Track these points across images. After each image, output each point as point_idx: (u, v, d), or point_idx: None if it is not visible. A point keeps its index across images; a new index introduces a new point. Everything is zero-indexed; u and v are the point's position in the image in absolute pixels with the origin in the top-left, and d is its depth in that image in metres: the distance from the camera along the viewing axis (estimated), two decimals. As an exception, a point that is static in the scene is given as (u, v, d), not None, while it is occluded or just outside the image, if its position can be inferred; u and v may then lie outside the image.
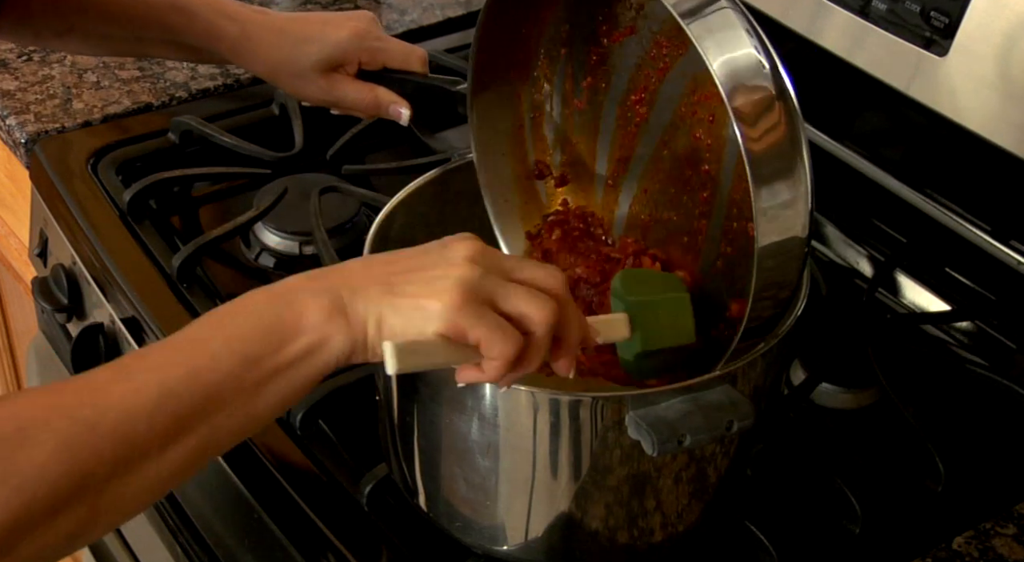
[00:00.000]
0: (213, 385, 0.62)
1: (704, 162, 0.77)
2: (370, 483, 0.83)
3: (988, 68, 0.92)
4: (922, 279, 1.05)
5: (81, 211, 1.09)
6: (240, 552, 0.89)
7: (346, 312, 0.65)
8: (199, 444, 0.62)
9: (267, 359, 0.63)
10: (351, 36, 1.03)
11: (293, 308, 0.65)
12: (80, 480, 0.59)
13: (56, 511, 0.59)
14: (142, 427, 0.60)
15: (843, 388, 0.93)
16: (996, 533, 0.83)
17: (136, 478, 0.61)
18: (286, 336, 0.64)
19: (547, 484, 0.74)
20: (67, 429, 0.59)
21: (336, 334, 0.64)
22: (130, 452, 0.60)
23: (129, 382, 0.62)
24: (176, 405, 0.61)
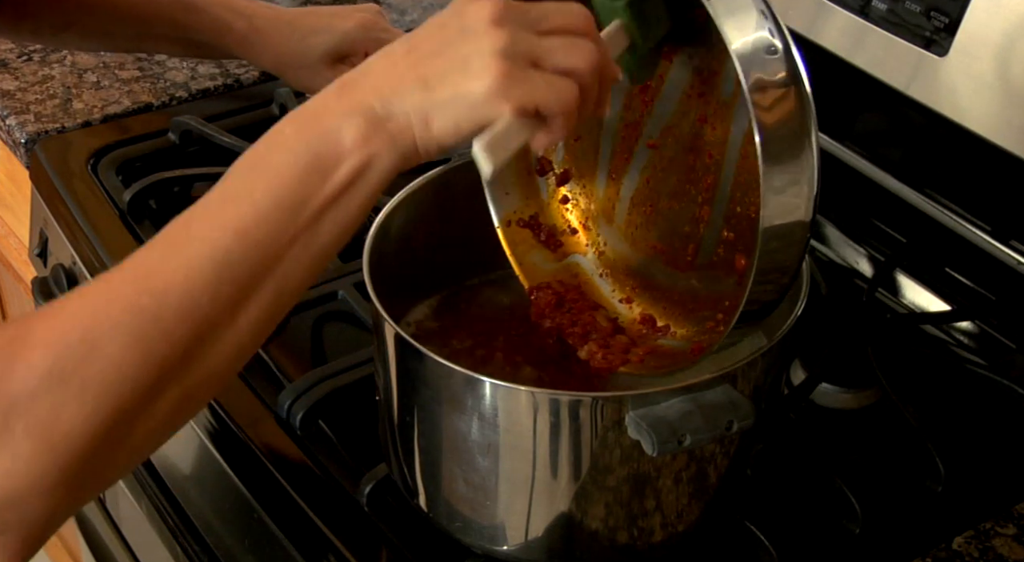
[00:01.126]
0: (265, 241, 0.60)
1: (708, 147, 0.77)
2: (370, 483, 0.83)
3: (988, 68, 0.92)
4: (922, 279, 1.05)
5: (81, 211, 1.09)
6: (240, 552, 0.89)
7: (385, 125, 0.61)
8: (271, 298, 0.61)
9: (313, 198, 0.61)
10: (358, 26, 1.04)
11: (328, 138, 0.61)
12: (160, 368, 0.58)
13: (148, 401, 0.58)
14: (206, 302, 0.59)
15: (843, 388, 0.93)
16: (996, 533, 0.83)
17: (216, 351, 0.60)
18: (327, 169, 0.61)
19: (547, 484, 0.74)
20: (131, 322, 0.58)
21: (381, 151, 0.61)
22: (201, 330, 0.59)
23: (180, 258, 0.60)
24: (234, 272, 0.60)
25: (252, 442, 0.88)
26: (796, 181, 0.66)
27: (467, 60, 0.61)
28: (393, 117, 0.61)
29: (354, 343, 0.95)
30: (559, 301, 0.84)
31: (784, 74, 0.65)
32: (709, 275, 0.79)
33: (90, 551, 1.24)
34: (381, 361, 0.79)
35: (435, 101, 0.61)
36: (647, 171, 0.83)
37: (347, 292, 1.00)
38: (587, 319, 0.83)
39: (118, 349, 0.58)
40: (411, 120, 0.61)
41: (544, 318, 0.83)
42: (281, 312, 0.63)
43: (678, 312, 0.81)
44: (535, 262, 0.87)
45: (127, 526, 1.12)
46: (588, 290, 0.86)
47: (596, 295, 0.86)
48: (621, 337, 0.82)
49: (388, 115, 0.61)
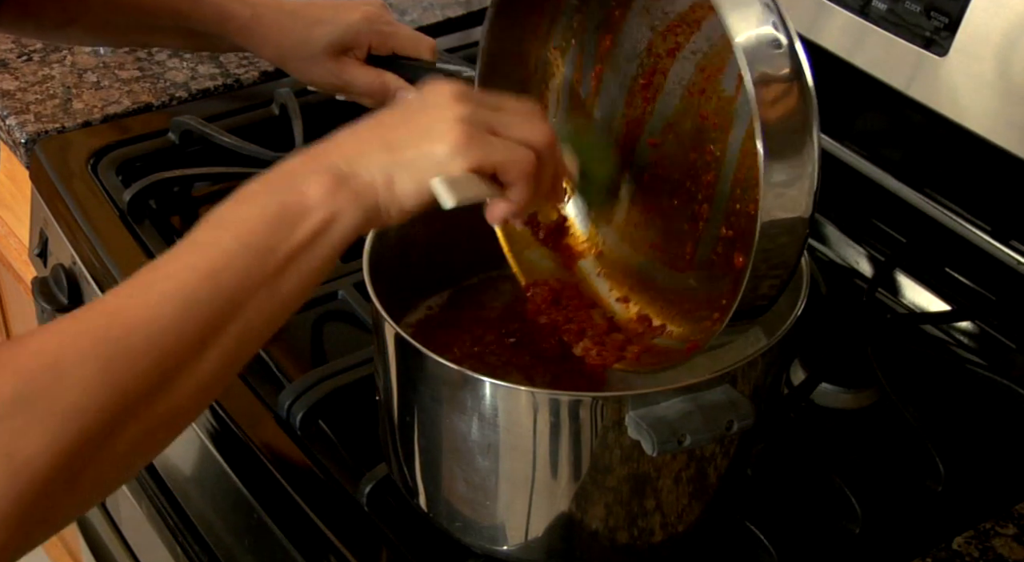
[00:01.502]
0: (233, 284, 0.62)
1: (710, 143, 0.77)
2: (370, 483, 0.83)
3: (988, 68, 0.92)
4: (922, 279, 1.05)
5: (81, 211, 1.09)
6: (240, 552, 0.89)
7: (349, 182, 0.64)
8: (234, 342, 0.62)
9: (281, 246, 0.63)
10: (362, 19, 1.04)
11: (294, 191, 0.64)
12: (124, 400, 0.59)
13: (109, 435, 0.58)
14: (171, 339, 0.60)
15: (843, 388, 0.93)
16: (996, 533, 0.83)
17: (180, 388, 0.61)
18: (294, 220, 0.63)
19: (547, 484, 0.74)
20: (99, 353, 0.59)
21: (345, 207, 0.64)
22: (166, 365, 0.60)
23: (149, 295, 0.61)
24: (201, 311, 0.61)
25: (252, 442, 0.88)
26: (797, 176, 0.66)
27: (430, 126, 0.65)
28: (357, 175, 0.64)
29: (354, 343, 0.95)
30: (555, 298, 0.84)
31: (788, 69, 0.65)
32: (707, 274, 0.79)
33: (90, 551, 1.24)
34: (381, 361, 0.79)
35: (398, 161, 0.64)
36: (647, 169, 0.83)
37: (347, 292, 1.00)
38: (583, 317, 0.83)
39: (84, 377, 0.58)
40: (375, 179, 0.65)
41: (540, 314, 0.83)
42: (243, 358, 0.64)
43: (675, 312, 0.81)
44: (532, 259, 0.87)
45: (127, 526, 1.12)
46: (585, 288, 0.86)
47: (593, 293, 0.86)
48: (617, 335, 0.82)
49: (353, 173, 0.64)
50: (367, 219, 0.65)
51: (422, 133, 0.65)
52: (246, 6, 1.04)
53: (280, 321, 0.65)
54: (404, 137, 0.65)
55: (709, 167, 0.78)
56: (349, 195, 0.64)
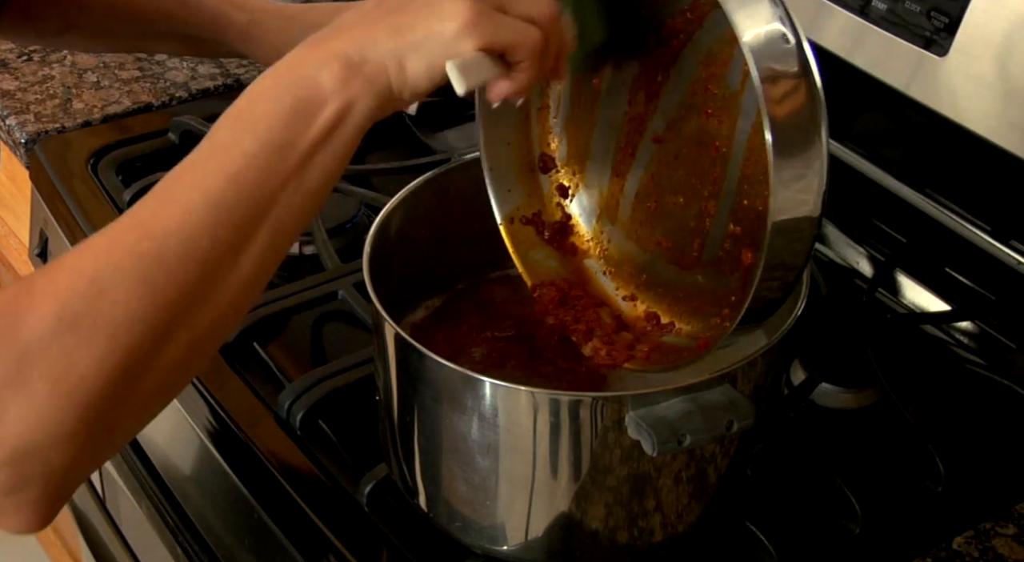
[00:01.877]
0: (259, 183, 0.62)
1: (715, 140, 0.77)
2: (370, 483, 0.83)
3: (988, 68, 0.92)
4: (922, 279, 1.05)
5: (81, 211, 1.09)
6: (240, 552, 0.89)
7: (361, 69, 0.64)
8: (268, 240, 0.62)
9: (300, 140, 0.62)
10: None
11: (306, 84, 0.63)
12: (168, 309, 0.59)
13: (159, 344, 0.59)
14: (206, 244, 0.60)
15: (843, 388, 0.93)
16: (996, 533, 0.83)
17: (222, 293, 0.61)
18: (310, 113, 0.63)
19: (547, 484, 0.74)
20: (135, 265, 0.59)
21: (359, 94, 0.63)
22: (205, 271, 0.60)
23: (176, 205, 0.61)
24: (231, 214, 0.61)
25: (252, 442, 0.88)
26: (805, 175, 0.66)
27: (437, 5, 0.64)
28: (368, 62, 0.64)
29: (354, 343, 0.95)
30: (563, 298, 0.84)
31: (796, 67, 0.65)
32: (714, 271, 0.79)
33: (90, 551, 1.24)
34: (381, 361, 0.79)
35: (408, 43, 0.64)
36: (652, 166, 0.83)
37: (347, 292, 1.00)
38: (591, 316, 0.83)
39: (124, 292, 0.58)
40: (386, 64, 0.64)
41: (547, 315, 0.83)
42: (279, 253, 0.64)
43: (683, 309, 0.81)
44: (538, 259, 0.87)
45: (127, 526, 1.12)
46: (592, 287, 0.86)
47: (600, 292, 0.86)
48: (625, 334, 0.82)
49: (363, 60, 0.64)
50: (381, 104, 0.64)
51: (430, 13, 0.64)
52: (243, 11, 1.04)
53: (310, 214, 0.65)
54: (411, 18, 0.64)
55: (715, 163, 0.77)
56: (362, 82, 0.63)
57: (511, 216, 0.86)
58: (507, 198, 0.87)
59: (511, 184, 0.87)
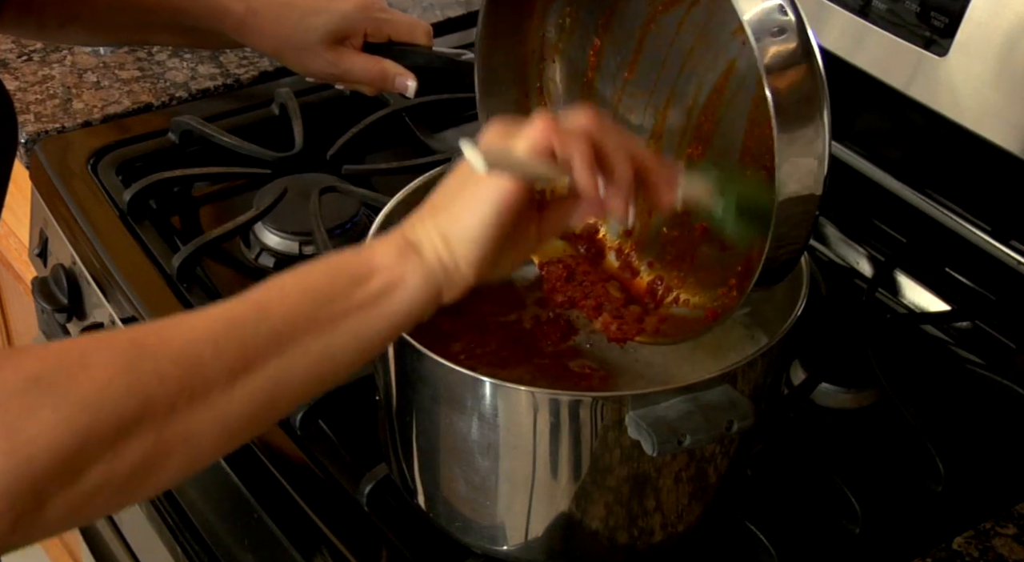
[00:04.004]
0: (282, 318, 0.61)
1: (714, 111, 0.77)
2: (370, 483, 0.83)
3: (988, 68, 0.92)
4: (922, 279, 1.05)
5: (81, 211, 1.09)
6: (240, 552, 0.89)
7: (415, 248, 0.65)
8: (270, 380, 0.61)
9: (340, 298, 0.63)
10: (356, 7, 1.04)
11: (362, 252, 0.65)
12: (144, 402, 0.57)
13: (121, 434, 0.57)
14: (207, 353, 0.59)
15: (843, 388, 0.93)
16: (996, 533, 0.83)
17: (204, 410, 0.59)
18: (358, 276, 0.64)
19: (547, 484, 0.74)
20: (129, 352, 0.58)
21: (411, 272, 0.64)
22: (195, 379, 0.59)
23: (197, 318, 0.61)
24: (243, 334, 0.60)
25: (252, 442, 0.88)
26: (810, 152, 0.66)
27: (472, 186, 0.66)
28: (420, 244, 0.66)
29: (354, 343, 0.95)
30: (570, 274, 0.84)
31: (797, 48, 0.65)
32: (719, 243, 0.78)
33: (90, 551, 1.24)
34: (381, 361, 0.79)
35: (448, 219, 0.66)
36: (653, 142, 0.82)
37: (347, 292, 1.00)
38: (599, 291, 0.83)
39: (107, 371, 0.57)
40: (435, 243, 0.65)
41: (556, 292, 0.83)
42: (276, 404, 0.63)
43: (690, 281, 0.81)
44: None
45: (127, 526, 1.12)
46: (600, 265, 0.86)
47: (608, 267, 0.86)
48: (634, 307, 0.82)
49: (417, 241, 0.66)
50: (435, 286, 0.65)
51: (462, 189, 0.66)
52: (240, 1, 1.04)
53: (322, 381, 0.64)
54: (445, 197, 0.67)
55: (711, 137, 0.77)
56: (414, 262, 0.65)
57: None
58: None
59: None
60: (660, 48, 0.79)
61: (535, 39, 0.85)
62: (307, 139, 1.18)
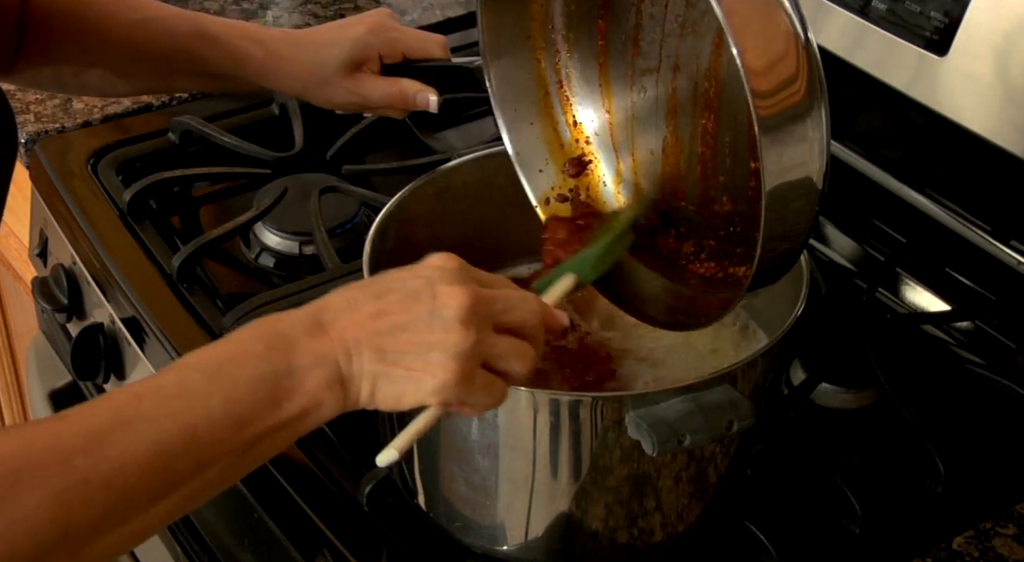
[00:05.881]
0: (206, 444, 0.62)
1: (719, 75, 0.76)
2: (370, 483, 0.83)
3: (988, 68, 0.92)
4: (922, 279, 1.05)
5: (81, 211, 1.09)
6: (240, 552, 0.89)
7: (343, 384, 0.65)
8: (186, 497, 0.63)
9: (260, 421, 0.63)
10: (366, 31, 1.03)
11: (292, 375, 0.64)
12: (65, 530, 0.58)
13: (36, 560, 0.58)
14: (133, 481, 0.60)
15: (843, 388, 0.93)
16: (996, 533, 0.83)
17: (122, 529, 0.61)
18: (281, 401, 0.64)
19: (547, 484, 0.74)
20: (60, 477, 0.58)
21: (330, 400, 0.65)
22: (119, 505, 0.60)
23: (129, 436, 0.61)
24: (169, 461, 0.61)
25: (252, 442, 0.88)
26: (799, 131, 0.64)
27: (428, 351, 0.65)
28: (351, 378, 0.66)
29: (354, 343, 0.95)
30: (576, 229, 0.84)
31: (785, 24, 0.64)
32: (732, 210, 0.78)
33: (90, 551, 1.23)
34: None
35: (388, 374, 0.65)
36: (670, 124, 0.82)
37: (347, 292, 1.00)
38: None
39: (36, 499, 0.57)
40: (363, 381, 0.66)
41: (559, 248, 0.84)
42: (182, 514, 0.65)
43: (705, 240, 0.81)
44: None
45: (127, 526, 1.12)
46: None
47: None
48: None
49: (348, 375, 0.65)
50: (342, 410, 0.66)
51: (419, 353, 0.65)
52: (257, 45, 1.04)
53: (228, 485, 0.66)
54: (401, 349, 0.65)
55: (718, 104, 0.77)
56: (338, 392, 0.65)
57: (546, 196, 0.86)
58: (539, 179, 0.86)
59: (542, 164, 0.86)
60: (657, 20, 0.78)
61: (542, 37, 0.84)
62: (307, 139, 1.18)
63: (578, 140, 0.87)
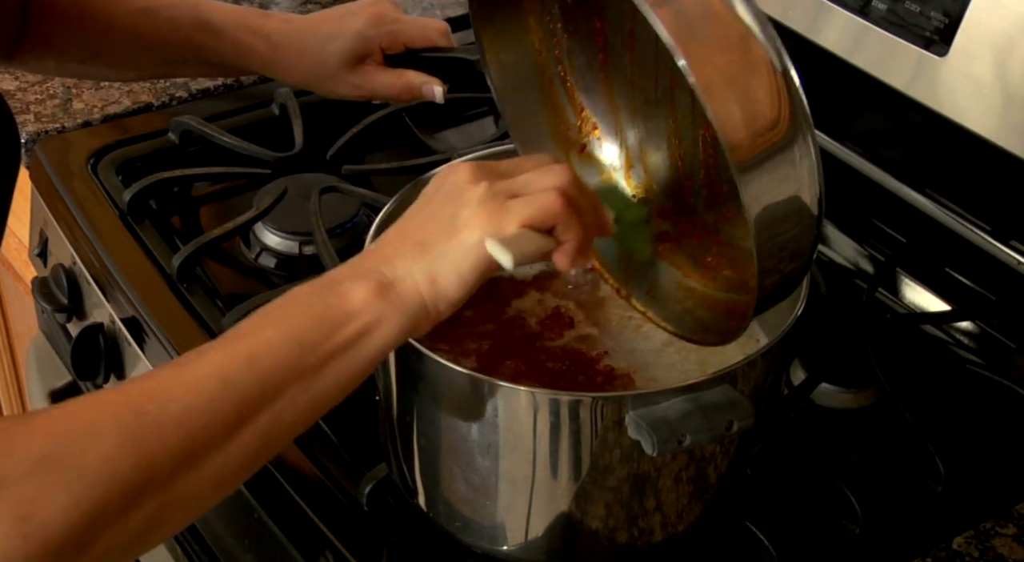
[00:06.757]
0: (270, 372, 0.63)
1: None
2: (370, 483, 0.83)
3: (988, 68, 0.92)
4: (922, 279, 1.05)
5: (81, 211, 1.09)
6: (240, 552, 0.89)
7: (394, 288, 0.66)
8: (263, 431, 0.63)
9: (321, 344, 0.64)
10: (366, 24, 1.03)
11: (339, 294, 0.66)
12: (149, 473, 0.59)
13: (128, 506, 0.59)
14: (206, 417, 0.61)
15: (843, 388, 0.93)
16: (996, 533, 0.83)
17: (204, 470, 0.61)
18: (337, 321, 0.65)
19: (547, 484, 0.74)
20: (132, 423, 0.60)
21: (389, 312, 0.66)
22: (196, 443, 0.61)
23: (190, 375, 0.63)
24: (236, 393, 0.62)
25: (252, 442, 0.88)
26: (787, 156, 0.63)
27: (454, 216, 0.67)
28: (400, 280, 0.67)
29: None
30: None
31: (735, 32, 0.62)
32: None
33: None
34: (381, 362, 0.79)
35: (435, 258, 0.67)
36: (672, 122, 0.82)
37: (347, 292, 1.00)
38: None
39: (115, 445, 0.59)
40: (417, 281, 0.67)
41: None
42: (271, 449, 0.65)
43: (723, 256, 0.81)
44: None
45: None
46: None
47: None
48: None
49: (395, 279, 0.66)
50: (413, 322, 0.67)
51: (449, 224, 0.67)
52: (262, 38, 1.03)
53: (312, 418, 0.66)
54: (433, 233, 0.68)
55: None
56: (394, 301, 0.66)
57: None
58: None
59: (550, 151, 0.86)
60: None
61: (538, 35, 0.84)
62: (307, 139, 1.18)
63: (583, 129, 0.87)
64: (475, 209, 0.67)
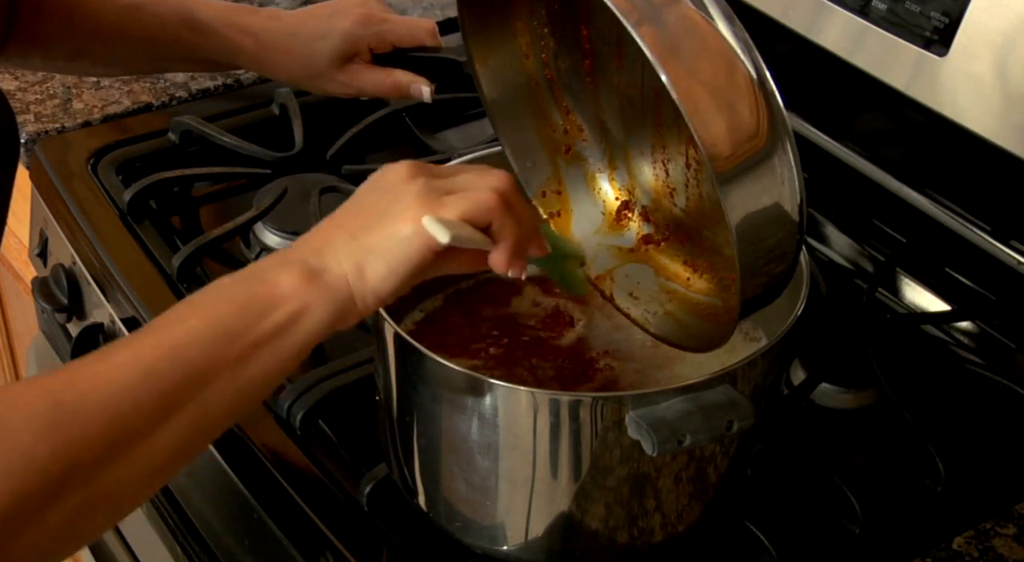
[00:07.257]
0: (194, 361, 0.61)
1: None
2: (370, 483, 0.83)
3: (988, 68, 0.92)
4: (922, 279, 1.05)
5: (81, 211, 1.09)
6: (240, 552, 0.89)
7: (321, 276, 0.64)
8: (189, 423, 0.61)
9: (246, 333, 0.62)
10: (355, 23, 1.03)
11: (265, 282, 0.64)
12: (70, 464, 0.57)
13: (48, 500, 0.57)
14: (126, 406, 0.59)
15: (843, 388, 0.93)
16: (996, 533, 0.83)
17: (128, 463, 0.59)
18: (263, 309, 0.63)
19: (547, 484, 0.74)
20: (51, 412, 0.58)
21: (316, 300, 0.64)
22: (117, 433, 0.59)
23: (108, 363, 0.61)
24: (158, 382, 0.60)
25: (252, 442, 0.88)
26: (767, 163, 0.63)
27: (388, 209, 0.65)
28: (328, 268, 0.65)
29: (354, 343, 0.95)
30: None
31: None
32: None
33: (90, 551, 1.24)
34: (381, 361, 0.79)
35: (365, 248, 0.65)
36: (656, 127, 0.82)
37: (347, 292, 1.00)
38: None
39: (31, 436, 0.57)
40: (345, 269, 0.65)
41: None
42: (198, 442, 0.64)
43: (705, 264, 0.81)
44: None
45: (127, 526, 1.12)
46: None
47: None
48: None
49: (323, 267, 0.65)
50: (340, 312, 0.65)
51: (382, 215, 0.66)
52: (249, 35, 1.03)
53: (239, 411, 0.64)
54: (366, 223, 0.66)
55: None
56: (320, 288, 0.64)
57: (542, 190, 0.86)
58: (533, 172, 0.86)
59: (536, 157, 0.86)
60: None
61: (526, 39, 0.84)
62: (307, 139, 1.18)
63: (569, 131, 0.87)
64: (410, 201, 0.65)
